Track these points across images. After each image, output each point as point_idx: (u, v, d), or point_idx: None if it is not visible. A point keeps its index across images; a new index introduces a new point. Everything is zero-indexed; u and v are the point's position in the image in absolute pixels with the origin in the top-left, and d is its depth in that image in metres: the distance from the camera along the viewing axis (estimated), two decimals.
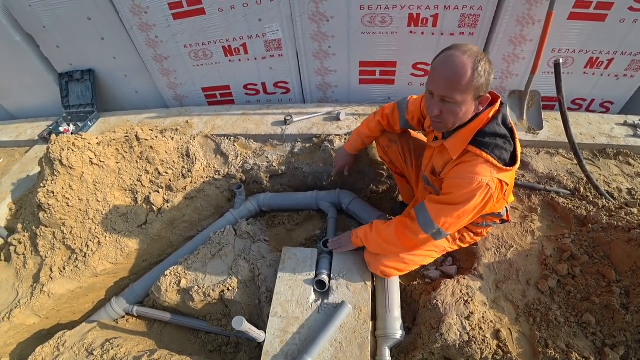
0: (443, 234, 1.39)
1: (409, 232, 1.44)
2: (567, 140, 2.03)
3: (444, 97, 1.23)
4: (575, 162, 2.10)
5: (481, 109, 1.28)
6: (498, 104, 1.32)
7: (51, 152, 2.04)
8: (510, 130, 1.35)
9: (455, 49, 1.20)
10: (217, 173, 2.39)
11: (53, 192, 1.98)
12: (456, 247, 1.75)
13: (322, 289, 1.70)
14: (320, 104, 2.86)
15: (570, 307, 1.59)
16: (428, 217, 1.37)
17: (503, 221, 1.71)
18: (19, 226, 2.15)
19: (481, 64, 1.17)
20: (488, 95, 1.25)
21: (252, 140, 2.60)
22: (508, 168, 1.29)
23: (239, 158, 2.47)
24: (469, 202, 1.29)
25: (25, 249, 2.06)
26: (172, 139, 2.48)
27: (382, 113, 1.85)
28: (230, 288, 1.80)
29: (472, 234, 1.71)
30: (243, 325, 1.33)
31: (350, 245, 1.75)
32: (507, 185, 1.34)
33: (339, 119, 2.58)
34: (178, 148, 2.44)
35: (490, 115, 1.31)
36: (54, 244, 2.03)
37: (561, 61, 1.93)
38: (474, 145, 1.30)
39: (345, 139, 2.37)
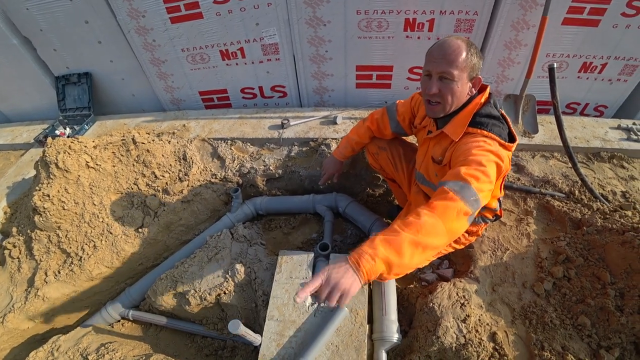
0: (476, 194, 1.19)
1: (453, 210, 1.16)
2: (561, 144, 2.05)
3: (443, 73, 1.31)
4: (570, 165, 2.11)
5: (474, 91, 1.40)
6: (487, 90, 1.43)
7: (47, 155, 2.03)
8: (502, 116, 1.43)
9: (448, 37, 1.35)
10: (213, 176, 2.39)
11: (49, 196, 1.98)
12: (452, 249, 1.75)
13: None
14: (317, 108, 2.87)
15: (565, 310, 1.59)
16: (457, 181, 1.20)
17: (496, 217, 1.72)
18: (14, 229, 2.14)
19: (473, 46, 1.33)
20: (480, 77, 1.38)
21: (249, 144, 2.60)
22: (509, 144, 1.35)
23: (235, 161, 2.47)
24: (486, 154, 1.26)
25: (20, 253, 2.05)
26: (169, 142, 2.48)
27: (371, 118, 1.87)
28: (226, 292, 1.80)
29: (466, 234, 1.71)
30: (239, 328, 1.33)
31: (356, 283, 1.06)
32: (508, 161, 1.38)
33: (335, 123, 2.59)
34: (175, 151, 2.44)
35: (484, 99, 1.41)
36: (49, 248, 2.02)
37: (555, 65, 1.95)
38: (473, 126, 1.37)
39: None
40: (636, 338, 1.45)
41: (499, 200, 1.64)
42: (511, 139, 1.40)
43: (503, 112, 1.45)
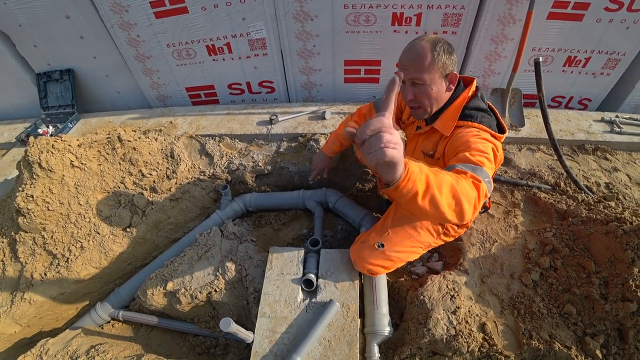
0: (491, 183, 1.20)
1: (477, 186, 1.11)
2: (547, 137, 2.08)
3: (414, 80, 1.35)
4: (556, 157, 2.15)
5: (452, 87, 1.40)
6: (474, 84, 1.45)
7: (30, 154, 1.98)
8: (490, 108, 1.45)
9: (415, 39, 1.36)
10: (202, 174, 2.37)
11: (32, 196, 1.93)
12: (441, 242, 1.77)
13: (309, 288, 1.70)
14: (305, 103, 2.85)
15: (552, 299, 1.63)
16: (470, 166, 1.18)
17: (485, 209, 1.74)
18: None
19: (439, 45, 1.30)
20: (455, 72, 1.38)
21: (237, 140, 2.58)
22: (499, 135, 1.38)
23: (224, 158, 2.44)
24: (483, 141, 1.29)
25: (4, 255, 2.00)
26: (156, 139, 2.44)
27: (358, 113, 1.87)
28: (217, 289, 1.79)
29: (455, 227, 1.73)
30: (231, 326, 1.32)
31: (396, 162, 0.86)
32: (501, 152, 1.38)
33: (324, 118, 2.59)
34: (162, 149, 2.40)
35: (471, 93, 1.43)
36: (34, 250, 1.97)
37: (541, 59, 1.98)
38: (463, 119, 1.39)
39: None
40: (620, 325, 1.49)
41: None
42: (500, 130, 1.42)
43: (491, 104, 1.47)
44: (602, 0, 2.20)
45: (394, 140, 0.80)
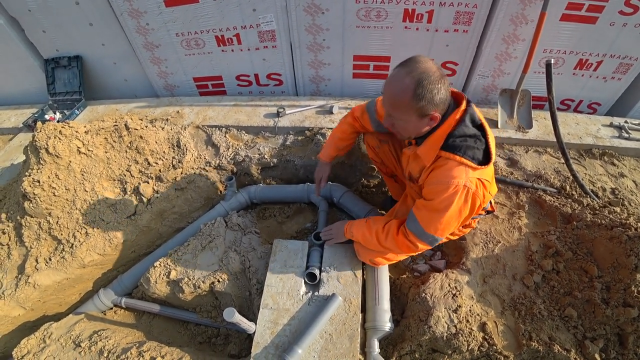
0: (438, 239, 1.40)
1: (409, 243, 1.43)
2: (555, 140, 2.07)
3: (389, 113, 1.32)
4: (563, 161, 2.14)
5: (434, 124, 1.30)
6: (464, 104, 1.31)
7: (37, 140, 1.98)
8: (481, 127, 1.34)
9: (403, 66, 1.22)
10: (208, 164, 2.37)
11: (39, 181, 1.94)
12: (445, 240, 1.77)
13: (312, 281, 1.71)
14: (313, 97, 2.85)
15: (553, 302, 1.64)
16: (420, 227, 1.38)
17: (488, 212, 1.74)
18: (3, 216, 2.10)
19: (422, 85, 1.17)
20: (437, 114, 1.26)
21: (244, 132, 2.58)
22: (483, 167, 1.30)
23: (230, 149, 2.45)
24: (450, 206, 1.29)
25: (10, 240, 2.02)
26: (163, 129, 2.44)
27: (352, 115, 1.80)
28: (220, 280, 1.80)
29: (460, 227, 1.71)
30: (234, 316, 1.33)
31: (342, 238, 1.75)
32: (488, 182, 1.35)
33: (331, 113, 2.58)
34: (168, 138, 2.40)
35: (458, 117, 1.30)
36: (39, 235, 1.99)
37: (552, 61, 1.97)
38: (445, 150, 1.31)
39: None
40: (620, 330, 1.50)
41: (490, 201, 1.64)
42: (487, 157, 1.32)
43: (483, 121, 1.36)
44: (617, 3, 2.17)
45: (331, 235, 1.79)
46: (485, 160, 1.32)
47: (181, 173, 2.28)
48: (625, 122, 2.50)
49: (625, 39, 2.33)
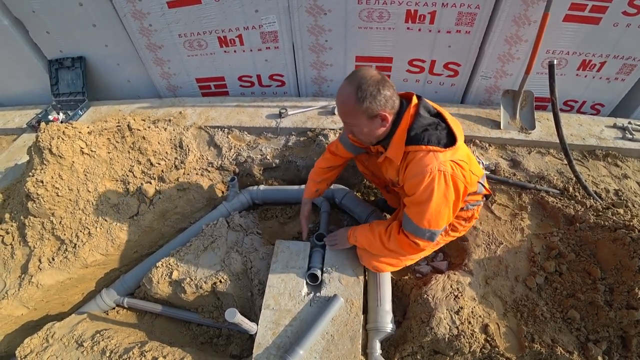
0: (436, 232, 1.40)
1: (410, 242, 1.45)
2: (558, 141, 2.07)
3: (344, 122, 1.42)
4: (565, 162, 2.14)
5: (387, 124, 1.37)
6: (414, 99, 1.40)
7: (41, 140, 2.00)
8: (438, 114, 1.42)
9: (346, 78, 1.34)
10: (210, 165, 2.38)
11: (42, 182, 1.95)
12: (450, 238, 1.75)
13: (314, 282, 1.71)
14: (315, 98, 2.85)
15: (556, 303, 1.63)
16: (413, 224, 1.40)
17: (486, 197, 1.70)
18: (7, 216, 2.11)
19: (362, 87, 1.27)
20: (385, 113, 1.32)
21: (246, 133, 2.58)
22: (450, 148, 1.33)
23: (232, 150, 2.45)
24: (432, 194, 1.31)
25: (13, 239, 2.03)
26: (165, 129, 2.45)
27: (329, 152, 1.84)
28: (222, 280, 1.80)
29: (462, 222, 1.70)
30: (236, 317, 1.34)
31: (346, 244, 1.75)
32: (465, 162, 1.36)
33: (334, 114, 2.58)
34: (171, 139, 2.41)
35: (412, 112, 1.38)
36: (42, 235, 2.00)
37: (555, 62, 1.96)
38: (410, 144, 1.35)
39: (340, 133, 2.36)
40: (624, 332, 1.49)
41: (479, 182, 1.59)
42: (452, 138, 1.35)
43: (439, 109, 1.43)
44: (621, 3, 2.16)
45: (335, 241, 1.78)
46: (451, 141, 1.35)
47: (183, 174, 2.29)
48: (629, 123, 2.48)
49: (629, 40, 2.32)
